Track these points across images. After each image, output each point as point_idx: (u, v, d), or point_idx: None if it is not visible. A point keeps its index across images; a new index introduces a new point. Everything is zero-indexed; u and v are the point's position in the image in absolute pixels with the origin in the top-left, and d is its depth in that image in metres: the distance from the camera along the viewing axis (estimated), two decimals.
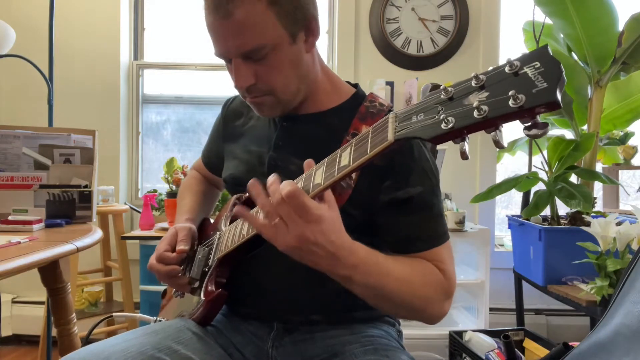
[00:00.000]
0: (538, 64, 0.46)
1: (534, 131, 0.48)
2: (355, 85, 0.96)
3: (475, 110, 0.48)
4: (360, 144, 0.62)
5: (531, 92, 0.45)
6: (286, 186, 0.64)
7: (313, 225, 0.64)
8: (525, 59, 0.48)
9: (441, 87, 0.52)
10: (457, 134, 0.50)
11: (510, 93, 0.46)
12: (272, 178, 0.67)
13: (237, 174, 0.96)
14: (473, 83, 0.50)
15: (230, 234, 0.87)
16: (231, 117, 1.04)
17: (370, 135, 0.60)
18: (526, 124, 0.48)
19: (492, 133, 0.49)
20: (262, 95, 0.84)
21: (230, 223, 0.92)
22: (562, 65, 0.46)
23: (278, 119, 0.94)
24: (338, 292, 0.86)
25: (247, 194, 0.94)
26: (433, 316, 0.79)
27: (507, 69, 0.48)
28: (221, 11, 0.76)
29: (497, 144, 0.49)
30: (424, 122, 0.52)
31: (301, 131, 0.91)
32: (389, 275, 0.72)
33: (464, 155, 0.52)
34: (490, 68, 0.50)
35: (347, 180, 0.77)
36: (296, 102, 0.88)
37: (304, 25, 0.82)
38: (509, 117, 0.47)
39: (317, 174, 0.67)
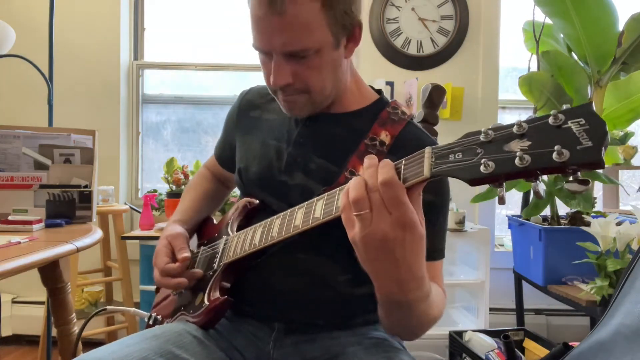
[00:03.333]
0: (583, 121, 0.46)
1: (574, 186, 0.48)
2: (379, 92, 0.97)
3: (518, 158, 0.47)
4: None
5: (576, 149, 0.45)
6: (384, 172, 0.56)
7: (399, 230, 0.55)
8: (569, 114, 0.47)
9: (481, 130, 0.52)
10: (496, 179, 0.50)
11: (555, 147, 0.46)
12: (368, 161, 0.59)
13: (252, 167, 0.95)
14: (515, 130, 0.50)
15: (240, 241, 0.87)
16: (247, 107, 1.03)
17: (403, 165, 0.58)
18: (567, 178, 0.48)
19: (533, 183, 0.49)
20: (296, 94, 0.83)
21: (239, 228, 0.92)
22: (606, 126, 0.46)
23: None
24: (341, 298, 0.86)
25: (257, 201, 0.93)
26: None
27: (550, 120, 0.48)
28: (276, 7, 0.74)
29: (537, 194, 0.51)
30: (461, 163, 0.52)
31: (323, 130, 0.91)
32: (428, 310, 0.68)
33: (501, 201, 0.52)
34: (532, 117, 0.50)
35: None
36: (326, 104, 0.88)
37: (349, 31, 0.83)
38: (551, 170, 0.47)
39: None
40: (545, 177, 1.97)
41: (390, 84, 2.48)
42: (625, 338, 0.61)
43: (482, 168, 0.50)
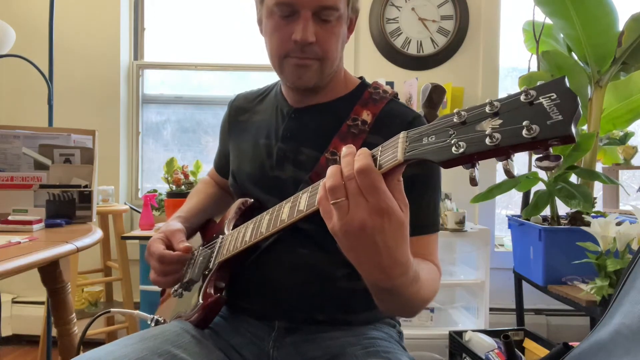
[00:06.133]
0: (554, 95, 0.45)
1: (545, 163, 0.46)
2: (361, 78, 0.99)
3: (488, 137, 0.47)
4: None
5: (545, 124, 0.44)
6: (360, 159, 0.55)
7: (376, 216, 0.54)
8: (541, 89, 0.46)
9: (454, 111, 0.51)
10: (468, 160, 0.49)
11: (524, 123, 0.45)
12: (346, 149, 0.58)
13: (245, 168, 0.96)
14: (487, 109, 0.49)
15: (233, 239, 0.87)
16: (236, 113, 1.05)
17: (380, 151, 0.58)
18: (538, 155, 0.47)
19: (503, 162, 0.48)
20: (312, 58, 0.85)
21: (234, 228, 0.92)
22: (578, 99, 0.44)
23: (286, 111, 0.95)
24: (342, 291, 0.86)
25: (252, 200, 0.94)
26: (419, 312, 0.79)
27: (522, 97, 0.47)
28: None
29: (508, 173, 0.48)
30: (434, 145, 0.51)
31: (309, 121, 0.92)
32: (420, 291, 0.68)
33: (473, 182, 0.50)
34: (505, 95, 0.49)
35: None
36: (325, 82, 0.90)
37: (353, 16, 0.90)
38: (521, 147, 0.45)
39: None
40: (545, 177, 1.97)
41: (390, 84, 2.48)
42: (625, 338, 0.61)
43: (453, 149, 0.49)
